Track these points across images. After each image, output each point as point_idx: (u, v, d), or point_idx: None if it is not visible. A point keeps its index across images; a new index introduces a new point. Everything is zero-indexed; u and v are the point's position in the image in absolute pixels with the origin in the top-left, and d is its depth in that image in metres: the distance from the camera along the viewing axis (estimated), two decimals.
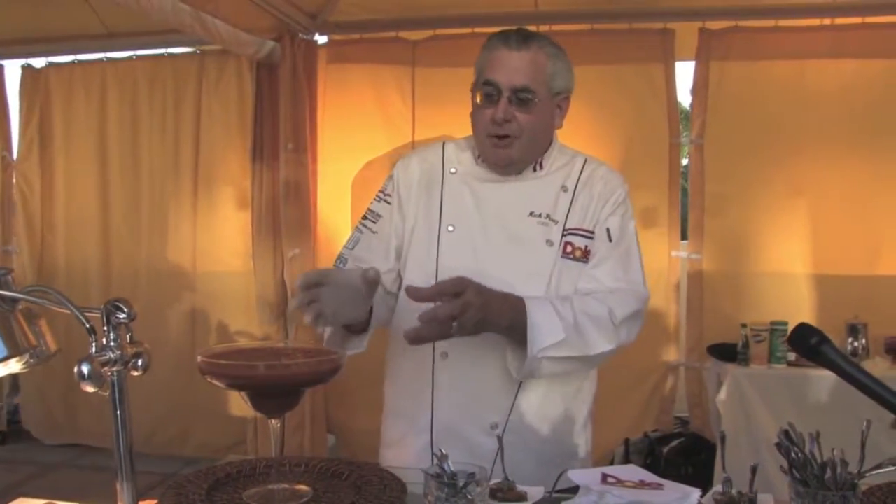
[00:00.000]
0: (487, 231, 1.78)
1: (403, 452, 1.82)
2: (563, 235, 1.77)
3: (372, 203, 1.93)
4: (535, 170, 1.82)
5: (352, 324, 1.71)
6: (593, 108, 4.33)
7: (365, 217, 1.93)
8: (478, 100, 1.76)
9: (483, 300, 1.54)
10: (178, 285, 4.96)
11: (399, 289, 1.85)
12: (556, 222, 1.78)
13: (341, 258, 1.92)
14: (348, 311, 1.65)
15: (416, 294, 1.52)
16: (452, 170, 1.86)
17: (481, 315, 1.53)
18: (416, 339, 1.52)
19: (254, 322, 4.57)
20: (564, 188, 1.82)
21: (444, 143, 1.93)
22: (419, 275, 1.79)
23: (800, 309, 4.15)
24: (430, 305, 1.51)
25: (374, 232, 1.89)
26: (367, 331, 1.75)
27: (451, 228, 1.79)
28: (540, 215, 1.78)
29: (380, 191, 1.93)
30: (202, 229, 4.91)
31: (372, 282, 1.61)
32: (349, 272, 1.66)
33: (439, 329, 1.51)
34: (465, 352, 1.73)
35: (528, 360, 1.62)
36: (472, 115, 1.80)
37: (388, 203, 1.89)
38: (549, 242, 1.77)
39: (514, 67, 1.71)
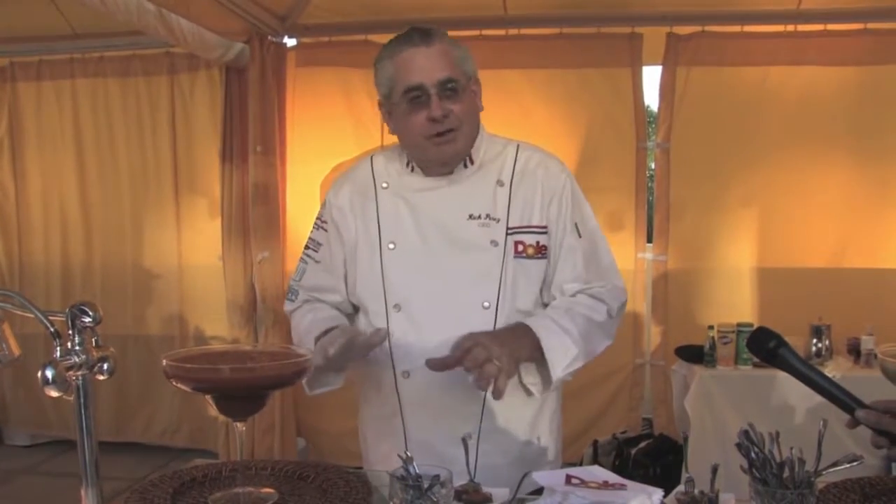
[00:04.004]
0: (428, 242, 1.74)
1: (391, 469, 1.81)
2: (509, 234, 1.75)
3: (312, 231, 1.90)
4: (465, 165, 1.78)
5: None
6: (561, 111, 4.38)
7: (307, 247, 1.90)
8: (402, 110, 1.72)
9: (499, 339, 1.57)
10: (159, 286, 4.96)
11: (357, 313, 1.86)
12: (497, 221, 1.75)
13: (292, 291, 1.91)
14: (342, 365, 1.72)
15: (437, 365, 1.56)
16: (384, 184, 1.82)
17: (508, 350, 1.56)
18: (493, 391, 1.54)
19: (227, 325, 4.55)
20: (500, 182, 1.78)
21: (372, 157, 1.89)
22: (367, 296, 1.78)
23: (765, 310, 4.23)
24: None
25: (317, 262, 1.88)
26: (344, 369, 1.76)
27: (391, 246, 1.76)
28: (479, 217, 1.75)
29: (317, 218, 1.90)
30: (183, 230, 4.90)
31: (373, 345, 1.64)
32: (358, 338, 1.66)
33: (489, 371, 1.52)
34: (426, 368, 1.68)
35: (553, 384, 1.69)
36: (399, 125, 1.76)
37: (326, 230, 1.86)
38: (494, 243, 1.74)
39: (430, 63, 1.68)
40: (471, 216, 1.76)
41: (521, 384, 1.73)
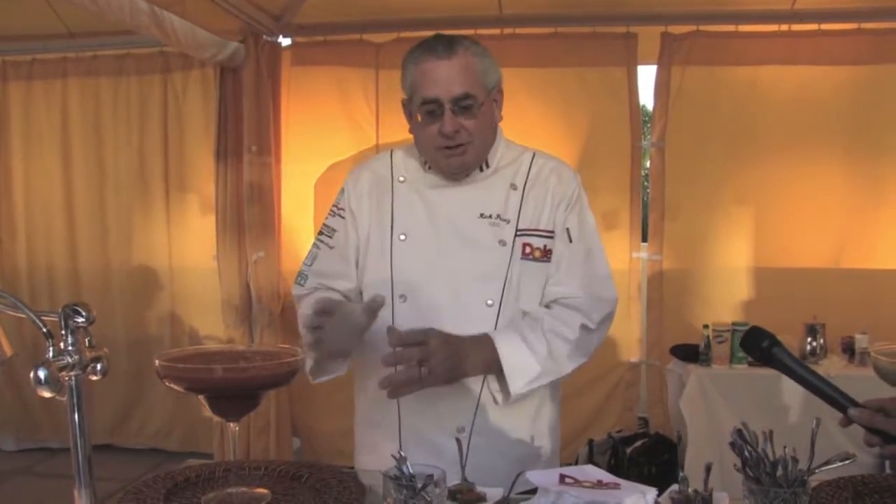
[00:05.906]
0: (439, 237, 1.77)
1: (378, 459, 1.80)
2: (518, 235, 1.78)
3: (327, 218, 1.92)
4: (481, 169, 1.81)
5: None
6: (556, 111, 4.38)
7: (321, 232, 1.92)
8: (419, 118, 1.74)
9: (451, 349, 1.59)
10: (150, 286, 4.94)
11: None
12: (507, 222, 1.78)
13: (302, 275, 1.92)
14: (344, 343, 1.68)
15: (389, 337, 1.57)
16: (401, 178, 1.85)
17: (451, 363, 1.59)
18: (389, 388, 1.56)
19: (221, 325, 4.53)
20: (513, 186, 1.81)
21: (392, 151, 1.92)
22: (374, 284, 1.80)
23: (760, 309, 4.23)
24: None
25: (331, 247, 1.89)
26: (349, 355, 1.75)
27: (403, 237, 1.79)
28: (490, 216, 1.78)
29: (333, 205, 1.92)
30: (174, 230, 4.89)
31: (374, 311, 1.63)
32: (353, 306, 1.66)
33: (407, 376, 1.55)
34: None
35: (512, 398, 1.70)
36: (415, 132, 1.79)
37: (342, 217, 1.89)
38: (502, 242, 1.77)
39: (448, 77, 1.69)
40: (482, 215, 1.79)
41: (488, 389, 1.76)
